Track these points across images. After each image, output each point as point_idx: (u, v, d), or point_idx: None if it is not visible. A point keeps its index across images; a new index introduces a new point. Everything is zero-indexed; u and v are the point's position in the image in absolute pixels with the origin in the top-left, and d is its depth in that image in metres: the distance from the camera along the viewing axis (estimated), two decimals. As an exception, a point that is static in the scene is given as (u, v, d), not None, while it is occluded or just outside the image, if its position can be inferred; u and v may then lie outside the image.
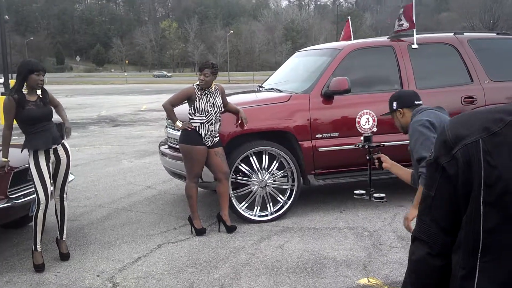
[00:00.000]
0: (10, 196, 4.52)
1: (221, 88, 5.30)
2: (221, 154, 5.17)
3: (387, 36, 6.44)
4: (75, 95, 32.81)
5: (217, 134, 5.21)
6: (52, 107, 4.54)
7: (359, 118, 5.66)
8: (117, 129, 15.19)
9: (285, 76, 6.77)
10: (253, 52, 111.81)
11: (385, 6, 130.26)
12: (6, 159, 4.35)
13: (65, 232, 4.69)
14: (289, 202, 5.60)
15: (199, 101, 5.10)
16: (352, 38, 7.02)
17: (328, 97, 5.62)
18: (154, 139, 12.36)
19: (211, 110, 5.10)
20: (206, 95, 5.13)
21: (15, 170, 4.57)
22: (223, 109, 5.25)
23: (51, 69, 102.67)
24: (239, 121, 5.34)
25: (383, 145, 3.67)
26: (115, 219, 5.84)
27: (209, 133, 5.10)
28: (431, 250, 1.30)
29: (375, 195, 3.59)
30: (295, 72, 6.86)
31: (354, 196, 3.66)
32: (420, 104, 3.34)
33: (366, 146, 3.51)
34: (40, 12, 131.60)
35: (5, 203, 4.43)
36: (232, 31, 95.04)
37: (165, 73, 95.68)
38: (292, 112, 5.57)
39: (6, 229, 5.48)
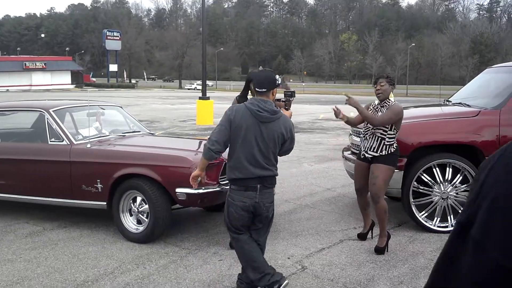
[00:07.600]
0: (221, 183, 5.37)
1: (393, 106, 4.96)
2: (373, 171, 4.92)
3: None
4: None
5: (377, 149, 4.94)
6: None
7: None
8: (297, 135, 16.06)
9: (473, 91, 6.74)
10: (435, 66, 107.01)
11: None
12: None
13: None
14: (471, 216, 5.61)
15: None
16: None
17: (520, 114, 5.52)
18: (331, 146, 12.93)
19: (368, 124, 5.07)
20: (376, 107, 5.15)
21: (226, 161, 5.39)
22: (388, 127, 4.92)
23: (236, 77, 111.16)
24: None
25: None
26: (300, 213, 6.46)
27: (364, 146, 5.11)
28: None
29: None
30: (485, 88, 6.76)
31: None
32: (260, 92, 3.96)
33: None
34: (230, 25, 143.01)
35: (216, 188, 5.29)
36: (413, 44, 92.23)
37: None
38: (480, 127, 5.59)
39: (211, 212, 6.43)
